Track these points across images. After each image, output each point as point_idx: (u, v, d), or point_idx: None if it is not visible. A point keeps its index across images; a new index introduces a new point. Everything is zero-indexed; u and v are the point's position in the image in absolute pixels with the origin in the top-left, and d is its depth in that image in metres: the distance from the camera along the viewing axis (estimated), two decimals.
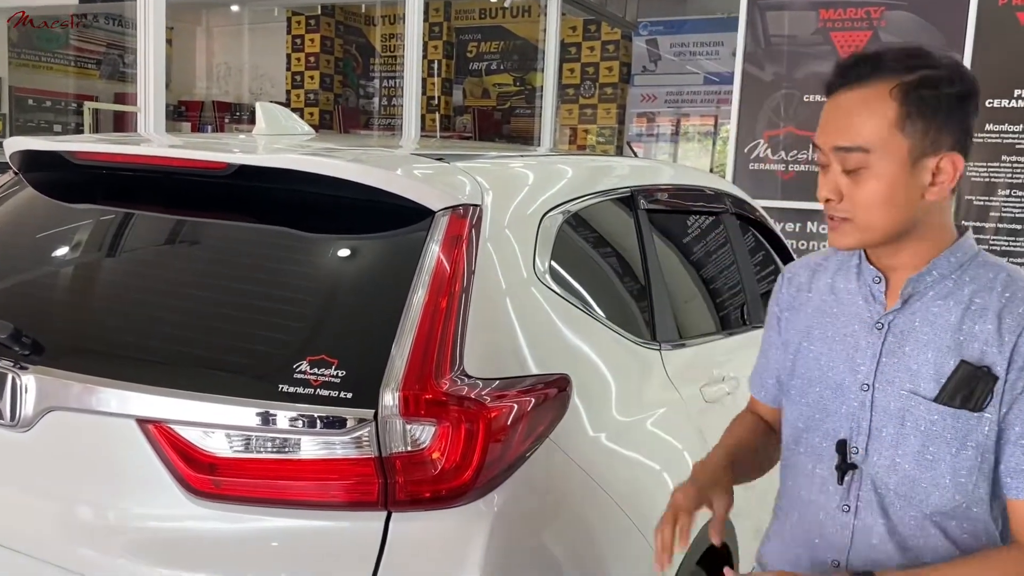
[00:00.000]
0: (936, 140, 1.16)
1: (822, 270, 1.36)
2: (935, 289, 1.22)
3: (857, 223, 1.19)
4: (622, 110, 9.17)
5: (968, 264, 1.22)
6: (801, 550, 1.31)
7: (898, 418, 1.21)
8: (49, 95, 8.87)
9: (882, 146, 1.16)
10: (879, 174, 1.16)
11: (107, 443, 1.53)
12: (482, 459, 1.43)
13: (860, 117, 1.17)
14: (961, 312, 1.19)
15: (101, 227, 1.84)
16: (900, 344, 1.22)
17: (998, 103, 4.96)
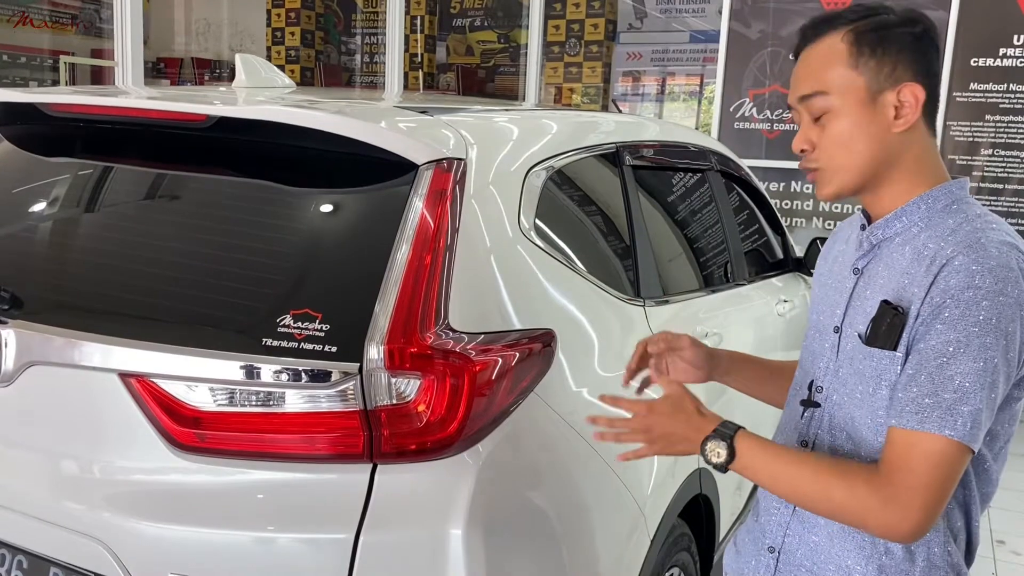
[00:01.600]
0: (892, 74, 1.20)
1: (847, 225, 1.43)
2: (902, 235, 1.24)
3: (827, 168, 1.25)
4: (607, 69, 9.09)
5: (942, 212, 1.22)
6: (743, 535, 1.41)
7: (848, 359, 1.26)
8: (24, 51, 8.67)
9: (839, 86, 1.21)
10: (841, 114, 1.22)
11: (90, 397, 1.52)
12: (467, 412, 1.43)
13: (817, 64, 1.24)
14: (912, 257, 1.20)
15: (80, 180, 1.81)
16: (865, 288, 1.27)
17: (983, 62, 4.96)
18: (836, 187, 1.26)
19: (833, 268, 1.38)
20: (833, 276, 1.36)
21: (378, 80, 9.98)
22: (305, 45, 9.97)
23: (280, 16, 9.98)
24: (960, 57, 4.98)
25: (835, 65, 1.22)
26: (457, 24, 10.07)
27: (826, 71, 1.23)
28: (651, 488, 1.88)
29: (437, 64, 10.12)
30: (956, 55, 4.98)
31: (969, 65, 4.98)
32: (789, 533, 1.32)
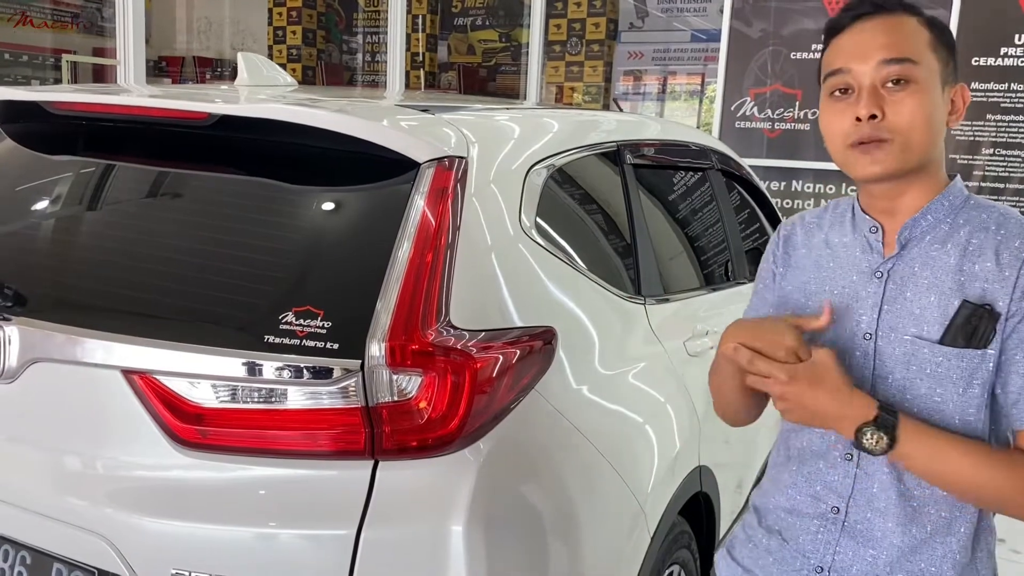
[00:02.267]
0: (953, 71, 1.24)
1: (816, 227, 1.37)
2: (931, 234, 1.24)
3: (898, 143, 1.18)
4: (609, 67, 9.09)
5: (961, 207, 1.25)
6: (801, 497, 1.32)
7: (904, 363, 1.21)
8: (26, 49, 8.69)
9: (924, 60, 1.20)
10: (923, 88, 1.19)
11: (93, 394, 1.53)
12: (468, 409, 1.44)
13: (902, 34, 1.20)
14: (959, 254, 1.21)
15: (83, 178, 1.82)
16: (901, 290, 1.23)
17: (984, 61, 4.95)
18: (899, 164, 1.19)
19: (830, 275, 1.31)
20: (835, 283, 1.30)
21: (379, 79, 9.99)
22: (307, 44, 9.98)
23: (282, 15, 9.99)
24: (961, 56, 4.97)
25: (921, 41, 1.21)
26: (459, 23, 10.07)
27: (916, 43, 1.20)
28: (651, 485, 1.89)
29: (439, 63, 10.13)
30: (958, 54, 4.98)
31: (970, 64, 4.98)
32: (839, 551, 1.27)
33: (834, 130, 1.23)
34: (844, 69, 1.21)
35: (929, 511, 1.23)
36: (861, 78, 1.20)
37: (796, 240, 1.38)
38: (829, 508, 1.28)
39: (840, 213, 1.36)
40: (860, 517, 1.26)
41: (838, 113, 1.22)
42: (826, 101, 1.26)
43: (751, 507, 1.46)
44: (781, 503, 1.36)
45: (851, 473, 1.26)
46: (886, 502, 1.24)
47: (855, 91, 1.21)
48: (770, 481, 1.41)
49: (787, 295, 1.36)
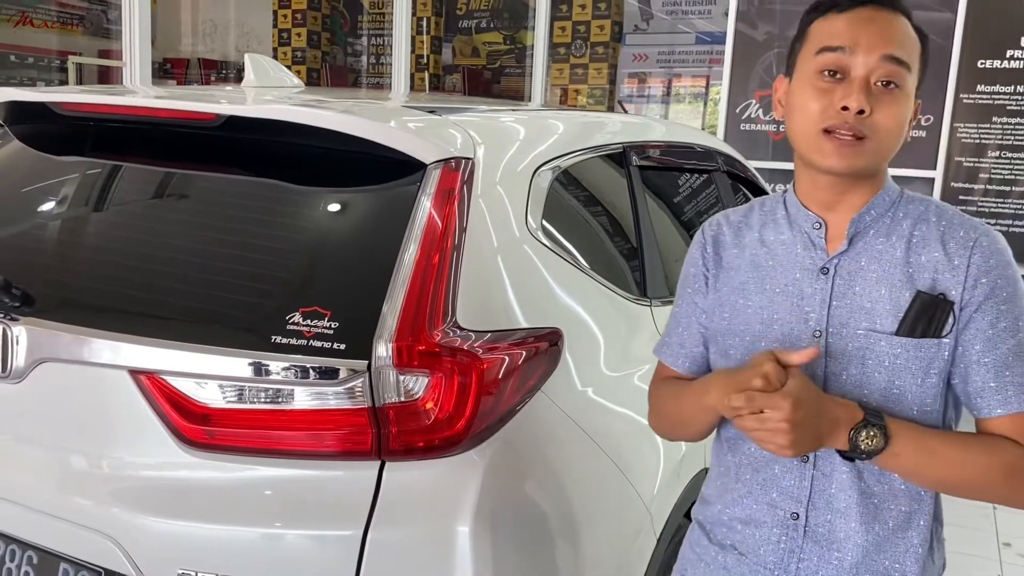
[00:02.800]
0: (920, 84, 1.23)
1: (745, 227, 1.34)
2: (875, 228, 1.24)
3: (875, 143, 1.17)
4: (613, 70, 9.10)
5: (898, 201, 1.25)
6: (756, 506, 1.28)
7: (859, 358, 1.20)
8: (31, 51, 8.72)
9: (914, 70, 1.19)
10: (908, 96, 1.19)
11: (100, 394, 1.53)
12: (475, 410, 1.44)
13: (905, 36, 1.19)
14: (904, 246, 1.21)
15: (90, 179, 1.82)
16: (849, 286, 1.22)
17: (990, 64, 4.95)
18: (867, 164, 1.19)
19: (769, 273, 1.27)
20: (775, 282, 1.27)
21: (384, 81, 10.01)
22: (311, 46, 10.00)
23: (286, 17, 10.01)
24: (967, 59, 4.98)
25: (915, 50, 1.20)
26: (463, 26, 10.09)
27: (912, 49, 1.19)
28: (657, 487, 1.89)
29: (443, 65, 10.15)
30: (963, 57, 4.97)
31: (976, 67, 4.98)
32: (804, 557, 1.25)
33: (810, 109, 1.18)
34: (845, 50, 1.17)
35: (889, 507, 1.23)
36: (858, 66, 1.16)
37: (725, 240, 1.34)
38: (788, 515, 1.25)
39: (769, 211, 1.33)
40: (821, 520, 1.24)
41: (820, 93, 1.18)
42: (810, 76, 1.20)
43: (695, 524, 1.41)
44: (735, 514, 1.31)
45: (808, 476, 1.24)
46: (846, 502, 1.22)
47: (844, 77, 1.17)
48: (716, 493, 1.36)
49: (723, 297, 1.32)
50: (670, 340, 1.42)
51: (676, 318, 1.40)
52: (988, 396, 1.19)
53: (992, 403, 1.19)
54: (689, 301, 1.37)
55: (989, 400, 1.19)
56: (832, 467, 1.23)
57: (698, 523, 1.40)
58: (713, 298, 1.33)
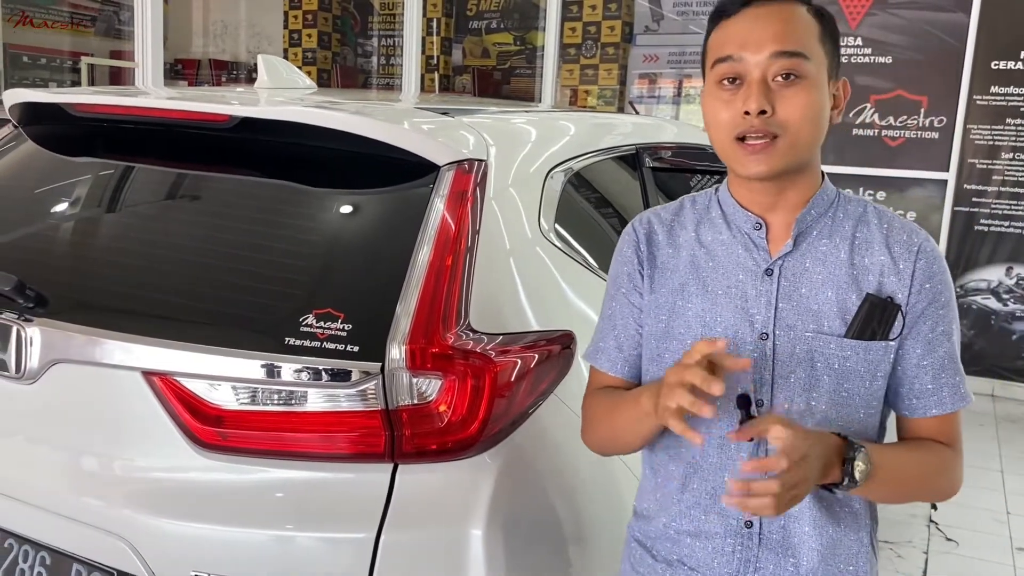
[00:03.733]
0: (836, 64, 1.20)
1: (678, 225, 1.30)
2: (817, 228, 1.22)
3: (788, 139, 1.14)
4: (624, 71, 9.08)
5: (836, 201, 1.24)
6: (705, 517, 1.24)
7: (807, 361, 1.18)
8: (44, 52, 8.76)
9: (814, 55, 1.15)
10: (814, 84, 1.15)
11: (113, 395, 1.53)
12: (488, 412, 1.43)
13: (793, 25, 1.15)
14: (848, 247, 1.21)
15: (103, 180, 1.83)
16: (795, 287, 1.20)
17: (1003, 65, 4.92)
18: (786, 162, 1.15)
19: (711, 275, 1.24)
20: (717, 283, 1.23)
21: (394, 82, 10.01)
22: (322, 47, 10.02)
23: (297, 18, 10.03)
24: (980, 60, 4.95)
25: (812, 34, 1.16)
26: (473, 26, 10.09)
27: (807, 36, 1.15)
28: None
29: (453, 66, 10.15)
30: (976, 58, 4.94)
31: (989, 68, 4.94)
32: (760, 566, 1.22)
33: (720, 120, 1.17)
34: (735, 57, 1.15)
35: (840, 509, 1.23)
36: (751, 69, 1.14)
37: (658, 239, 1.30)
38: (741, 523, 1.22)
39: (702, 209, 1.30)
40: (775, 527, 1.22)
41: (724, 103, 1.16)
42: (712, 89, 1.19)
43: (631, 542, 1.36)
44: (682, 527, 1.26)
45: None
46: (798, 507, 1.18)
47: (743, 82, 1.15)
48: (657, 506, 1.30)
49: (660, 299, 1.27)
50: (605, 345, 1.34)
51: (610, 320, 1.33)
52: (925, 397, 1.22)
53: (928, 404, 1.22)
54: (624, 301, 1.31)
55: (925, 402, 1.22)
56: None
57: (637, 541, 1.35)
58: (650, 299, 1.28)
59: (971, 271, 5.15)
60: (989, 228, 5.09)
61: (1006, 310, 5.12)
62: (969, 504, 3.60)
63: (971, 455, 4.59)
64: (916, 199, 5.20)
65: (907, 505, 3.57)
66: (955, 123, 5.02)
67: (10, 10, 8.52)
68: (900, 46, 5.10)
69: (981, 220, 5.10)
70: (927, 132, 5.11)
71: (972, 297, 5.16)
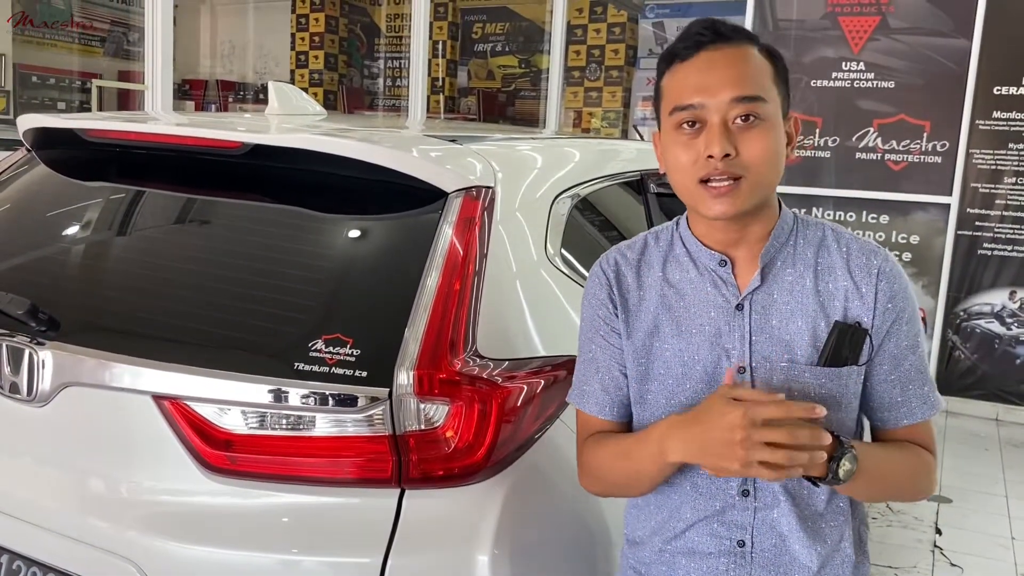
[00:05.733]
0: (788, 102, 1.24)
1: (645, 265, 1.31)
2: (780, 258, 1.25)
3: (751, 179, 1.16)
4: (628, 93, 9.15)
5: (795, 227, 1.27)
6: (699, 537, 1.27)
7: (784, 390, 1.19)
8: (53, 72, 8.85)
9: (770, 97, 1.19)
10: (772, 126, 1.18)
11: (123, 419, 1.54)
12: (495, 438, 1.44)
13: (749, 68, 1.17)
14: (813, 275, 1.24)
15: (115, 204, 1.85)
16: (766, 319, 1.23)
17: (1006, 90, 4.95)
18: (750, 202, 1.18)
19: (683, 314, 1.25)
20: (690, 322, 1.25)
21: (400, 103, 10.08)
22: (328, 68, 10.10)
23: (304, 40, 10.12)
24: (983, 85, 4.98)
25: (767, 76, 1.19)
26: (479, 49, 10.17)
27: (763, 79, 1.18)
28: None
29: (458, 88, 10.22)
30: (979, 83, 4.98)
31: (992, 93, 4.98)
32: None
33: (681, 164, 1.19)
34: (695, 104, 1.17)
35: (826, 524, 1.27)
36: (711, 114, 1.16)
37: (627, 282, 1.31)
38: (734, 543, 1.25)
39: (666, 247, 1.31)
40: (768, 545, 1.25)
41: (685, 147, 1.18)
42: (672, 133, 1.20)
43: (626, 569, 1.39)
44: (677, 548, 1.29)
45: (750, 507, 1.25)
46: (788, 526, 1.24)
47: (703, 126, 1.17)
48: (650, 531, 1.32)
49: (636, 342, 1.28)
50: (590, 388, 1.34)
51: (592, 364, 1.33)
52: (895, 410, 1.27)
53: (898, 415, 1.28)
54: (603, 343, 1.31)
55: (895, 413, 1.28)
56: (772, 497, 1.24)
57: (632, 569, 1.37)
58: (626, 344, 1.29)
59: (974, 295, 5.15)
60: (992, 252, 5.10)
61: (1010, 334, 5.12)
62: (974, 529, 3.59)
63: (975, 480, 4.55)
64: (919, 223, 5.22)
65: (912, 530, 3.56)
66: (958, 147, 5.05)
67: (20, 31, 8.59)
68: (902, 71, 5.14)
69: (984, 244, 5.11)
70: (930, 156, 5.14)
71: (976, 321, 5.16)
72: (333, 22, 10.11)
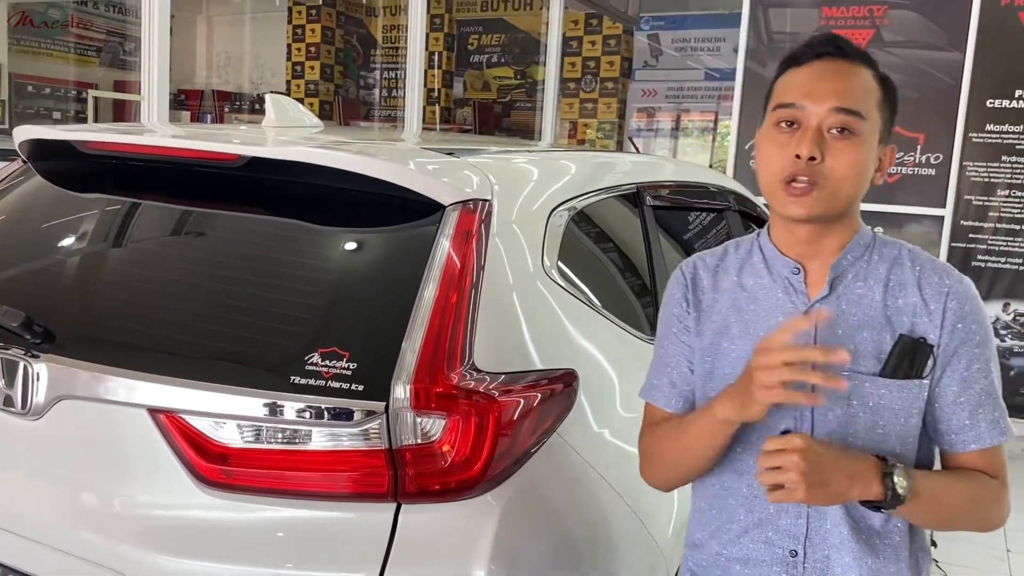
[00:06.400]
0: (889, 131, 1.28)
1: (723, 270, 1.37)
2: (852, 271, 1.28)
3: (830, 188, 1.21)
4: (623, 105, 9.18)
5: (872, 245, 1.31)
6: (754, 545, 1.31)
7: (844, 398, 1.23)
8: (49, 82, 8.84)
9: (870, 117, 1.23)
10: (864, 143, 1.22)
11: (119, 432, 1.54)
12: (491, 452, 1.44)
13: (858, 86, 1.24)
14: (883, 289, 1.27)
15: (111, 216, 1.84)
16: (832, 328, 1.26)
17: (999, 103, 4.97)
18: (825, 209, 1.22)
19: (752, 317, 1.30)
20: (758, 326, 1.29)
21: (396, 114, 10.10)
22: (324, 79, 10.12)
23: (300, 50, 10.14)
24: (976, 98, 5.01)
25: (873, 98, 1.25)
26: (474, 60, 10.21)
27: (868, 98, 1.24)
28: (671, 531, 1.88)
29: (454, 99, 10.25)
30: (972, 96, 5.00)
31: (985, 106, 5.00)
32: None
33: (771, 160, 1.24)
34: (797, 105, 1.23)
35: (880, 541, 1.27)
36: (810, 118, 1.22)
37: (703, 284, 1.37)
38: (786, 552, 1.29)
39: (744, 255, 1.37)
40: (819, 556, 1.28)
41: (779, 145, 1.23)
42: (769, 130, 1.27)
43: (684, 567, 1.43)
44: (732, 554, 1.33)
45: (803, 514, 1.28)
46: (840, 537, 1.26)
47: (800, 127, 1.22)
48: (708, 534, 1.37)
49: (704, 341, 1.34)
50: (659, 382, 1.40)
51: (663, 359, 1.40)
52: (963, 433, 1.27)
53: (967, 439, 1.27)
54: (676, 341, 1.37)
55: (964, 437, 1.27)
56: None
57: (690, 571, 1.42)
58: (698, 341, 1.35)
59: None
60: (986, 264, 5.12)
61: (1004, 346, 5.13)
62: (968, 540, 3.58)
63: None
64: (913, 235, 5.23)
65: None
66: (951, 160, 5.07)
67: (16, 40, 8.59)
68: (896, 84, 5.16)
69: (978, 256, 5.13)
70: (924, 169, 5.16)
71: None
72: (329, 33, 10.14)
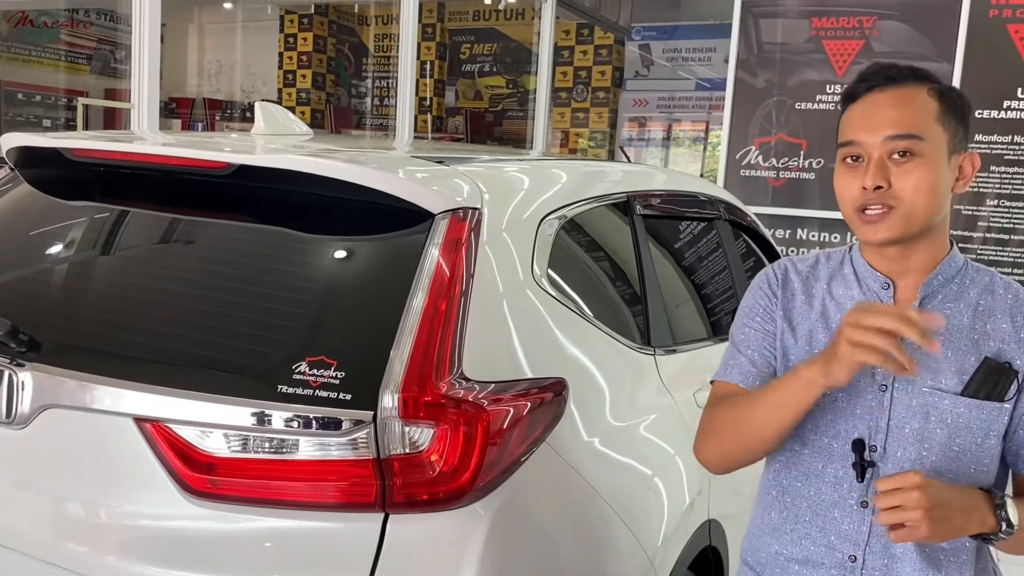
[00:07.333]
0: (961, 140, 1.31)
1: (813, 278, 1.41)
2: (943, 292, 1.32)
3: (903, 210, 1.25)
4: (614, 114, 9.21)
5: (964, 269, 1.35)
6: (815, 548, 1.34)
7: (922, 414, 1.27)
8: (39, 90, 8.82)
9: (930, 135, 1.27)
10: (928, 161, 1.26)
11: (104, 441, 1.52)
12: (480, 462, 1.43)
13: (908, 109, 1.27)
14: (971, 313, 1.31)
15: (99, 224, 1.83)
16: (917, 345, 1.25)
17: (987, 114, 5.00)
18: (902, 231, 1.27)
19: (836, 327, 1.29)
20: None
21: (387, 123, 10.11)
22: (316, 87, 10.12)
23: (292, 59, 10.15)
24: None
25: (929, 115, 1.27)
26: (466, 69, 10.23)
27: (922, 118, 1.27)
28: (661, 540, 1.87)
29: (446, 108, 10.26)
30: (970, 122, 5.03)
31: (974, 117, 5.03)
32: None
33: (845, 194, 1.31)
34: (855, 142, 1.29)
35: (944, 555, 1.29)
36: (870, 149, 1.28)
37: (794, 286, 1.41)
38: (846, 557, 1.31)
39: (835, 265, 1.40)
40: (878, 564, 1.30)
41: (849, 179, 1.30)
42: (840, 166, 1.32)
43: (743, 566, 1.46)
44: (792, 555, 1.36)
45: (866, 520, 1.30)
46: (903, 547, 1.28)
47: (865, 159, 1.28)
48: (768, 533, 1.40)
49: (788, 342, 1.38)
50: (737, 361, 1.42)
51: (744, 343, 1.42)
52: None
53: None
54: (758, 327, 1.41)
55: None
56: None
57: (747, 564, 1.45)
58: (780, 341, 1.38)
59: None
60: None
61: None
62: None
63: None
64: None
65: None
66: None
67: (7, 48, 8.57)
68: None
69: None
70: None
71: None
72: (321, 42, 10.15)
